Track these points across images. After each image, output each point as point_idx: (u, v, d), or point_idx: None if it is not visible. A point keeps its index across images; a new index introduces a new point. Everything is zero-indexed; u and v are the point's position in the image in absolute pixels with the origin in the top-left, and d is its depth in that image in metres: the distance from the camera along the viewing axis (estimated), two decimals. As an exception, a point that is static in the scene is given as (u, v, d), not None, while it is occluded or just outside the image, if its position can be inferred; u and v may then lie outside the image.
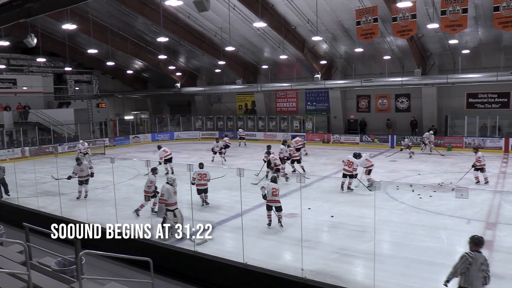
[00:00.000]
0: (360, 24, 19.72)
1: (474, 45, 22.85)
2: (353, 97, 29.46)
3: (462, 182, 14.01)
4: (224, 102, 35.92)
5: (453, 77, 23.59)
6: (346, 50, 25.98)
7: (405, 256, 7.96)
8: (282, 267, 6.87)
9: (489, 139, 23.34)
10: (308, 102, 31.59)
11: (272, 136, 30.36)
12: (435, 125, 25.64)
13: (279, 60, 27.96)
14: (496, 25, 17.54)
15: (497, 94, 24.57)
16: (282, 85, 30.05)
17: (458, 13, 17.53)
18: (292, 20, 23.19)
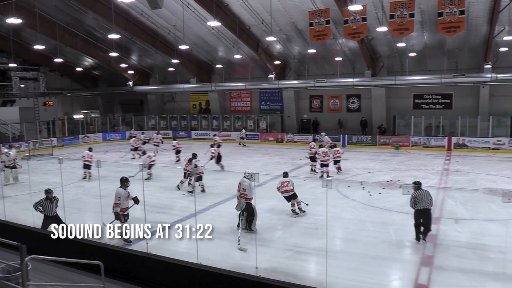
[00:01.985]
0: (313, 25, 20.08)
1: (420, 48, 23.92)
2: (306, 97, 30.00)
3: (409, 180, 14.60)
4: (178, 101, 35.46)
5: (400, 78, 24.56)
6: (300, 50, 26.40)
7: (356, 252, 8.21)
8: (236, 266, 6.90)
9: (433, 138, 24.50)
10: (262, 101, 31.83)
11: (226, 136, 30.32)
12: (384, 124, 26.59)
13: (234, 59, 27.97)
14: (440, 30, 18.41)
15: (441, 95, 25.86)
16: (236, 84, 30.08)
17: (406, 18, 18.25)
18: (246, 20, 23.28)
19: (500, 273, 6.86)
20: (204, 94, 33.58)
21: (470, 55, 23.92)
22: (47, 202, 8.55)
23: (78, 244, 7.46)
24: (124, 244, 8.12)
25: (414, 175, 15.24)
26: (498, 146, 22.91)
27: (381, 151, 23.54)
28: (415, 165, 18.59)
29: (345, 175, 16.10)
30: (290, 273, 7.17)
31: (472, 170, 17.30)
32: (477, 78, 23.04)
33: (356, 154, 21.97)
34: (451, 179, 15.44)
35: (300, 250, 8.33)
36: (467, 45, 22.95)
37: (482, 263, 7.43)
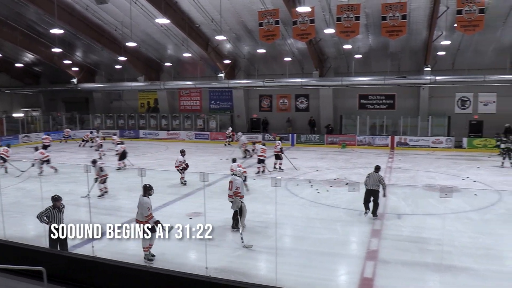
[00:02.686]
0: (262, 25, 20.26)
1: (365, 50, 24.78)
2: (255, 97, 30.22)
3: (355, 178, 15.10)
4: (125, 100, 34.50)
5: (347, 79, 25.35)
6: (249, 50, 26.54)
7: (305, 249, 8.37)
8: (187, 267, 6.84)
9: (378, 137, 25.48)
10: (212, 101, 31.71)
11: (175, 135, 29.92)
12: (331, 124, 27.30)
13: (183, 58, 27.65)
14: (384, 33, 19.18)
15: (384, 96, 26.95)
16: (186, 83, 29.79)
17: (352, 21, 18.84)
18: (196, 18, 23.08)
19: (438, 264, 7.25)
20: (152, 93, 32.93)
21: (411, 58, 25.11)
22: (54, 211, 7.42)
23: (19, 250, 7.10)
24: (146, 262, 7.64)
25: (359, 173, 15.77)
26: (436, 145, 24.21)
27: (328, 150, 24.18)
28: (360, 163, 19.23)
29: (294, 174, 16.39)
30: (241, 272, 7.20)
31: (413, 167, 18.15)
32: (417, 80, 24.24)
33: (304, 153, 22.41)
34: (394, 176, 16.11)
35: (251, 249, 8.39)
36: (409, 48, 24.07)
37: (422, 255, 7.82)
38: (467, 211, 10.79)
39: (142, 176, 7.19)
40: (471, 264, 7.41)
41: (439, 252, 7.70)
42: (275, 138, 26.49)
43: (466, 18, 17.79)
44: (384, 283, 6.75)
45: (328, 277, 7.22)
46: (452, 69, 24.69)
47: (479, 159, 20.40)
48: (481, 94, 25.15)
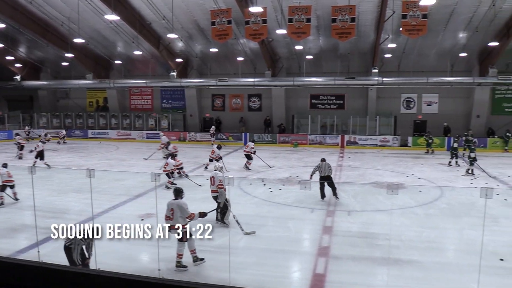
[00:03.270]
0: (214, 24, 20.18)
1: (316, 51, 25.30)
2: (208, 96, 30.07)
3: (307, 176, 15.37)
4: (72, 98, 33.22)
5: (298, 79, 25.78)
6: (202, 49, 26.36)
7: (258, 247, 8.43)
8: (138, 270, 6.71)
9: (328, 136, 26.10)
10: (164, 100, 31.21)
11: (126, 135, 29.20)
12: (284, 123, 27.66)
13: (134, 55, 27.01)
14: (334, 35, 19.66)
15: (334, 96, 27.64)
16: (136, 81, 29.13)
17: (303, 22, 19.17)
18: (147, 15, 22.62)
19: (386, 258, 7.54)
20: (101, 91, 31.93)
21: (360, 60, 25.92)
22: None
23: None
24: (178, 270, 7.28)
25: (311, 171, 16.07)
26: (384, 143, 25.14)
27: (281, 149, 24.47)
28: (312, 161, 19.55)
29: (247, 173, 16.46)
30: (194, 272, 7.15)
31: (362, 165, 18.75)
32: (366, 81, 25.05)
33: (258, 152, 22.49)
34: (344, 174, 16.57)
35: (204, 249, 8.33)
36: (358, 50, 24.82)
37: (371, 250, 8.10)
38: (412, 206, 11.28)
39: (90, 177, 6.97)
40: (416, 256, 7.76)
41: (387, 246, 8.02)
42: (228, 137, 26.55)
43: (410, 22, 18.60)
44: (336, 278, 6.93)
45: (281, 274, 7.31)
46: (398, 71, 25.76)
47: (423, 157, 21.39)
48: (425, 95, 26.44)
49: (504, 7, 19.19)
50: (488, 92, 25.33)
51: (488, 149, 23.74)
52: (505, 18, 20.22)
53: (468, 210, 10.81)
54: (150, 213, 9.94)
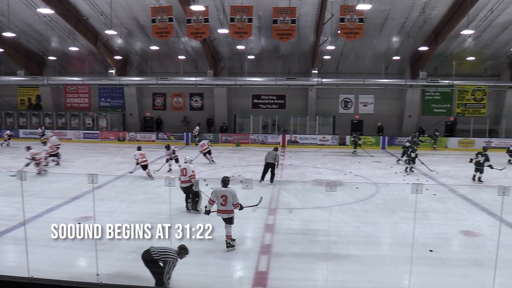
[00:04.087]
0: (155, 22, 19.79)
1: (258, 51, 25.56)
2: (149, 95, 29.40)
3: (249, 175, 15.50)
4: (1, 96, 31.09)
5: (240, 79, 25.90)
6: (142, 47, 25.75)
7: (201, 247, 8.34)
8: (76, 276, 6.44)
9: (270, 135, 26.46)
10: (102, 98, 30.11)
11: (61, 135, 27.84)
12: (226, 123, 27.68)
13: (69, 52, 25.83)
14: (275, 36, 19.96)
15: (276, 96, 28.08)
16: (72, 79, 27.83)
17: (245, 22, 19.29)
18: (84, 10, 21.71)
19: (326, 253, 7.79)
20: (34, 89, 30.17)
21: (301, 61, 26.52)
22: None
23: None
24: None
25: (253, 170, 16.25)
26: (323, 142, 25.91)
27: (223, 148, 24.46)
28: (254, 161, 19.77)
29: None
30: (135, 276, 6.97)
31: (303, 164, 19.20)
32: (306, 81, 25.68)
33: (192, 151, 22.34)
34: (285, 172, 16.86)
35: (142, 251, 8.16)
36: (298, 51, 25.38)
37: (312, 246, 8.33)
38: (350, 203, 11.72)
39: (22, 179, 6.58)
40: (354, 251, 8.07)
41: (326, 242, 8.28)
42: (170, 137, 26.17)
43: (348, 26, 19.30)
44: (278, 275, 7.05)
45: (224, 273, 7.33)
46: (337, 72, 26.67)
47: (360, 155, 22.24)
48: (361, 96, 27.58)
49: (433, 14, 20.45)
50: (418, 94, 26.89)
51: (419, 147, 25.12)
52: (433, 25, 21.54)
53: (401, 205, 11.40)
54: (88, 216, 9.57)
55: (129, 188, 13.59)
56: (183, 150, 23.54)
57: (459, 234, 9.27)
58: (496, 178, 15.14)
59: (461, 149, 24.73)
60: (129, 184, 13.99)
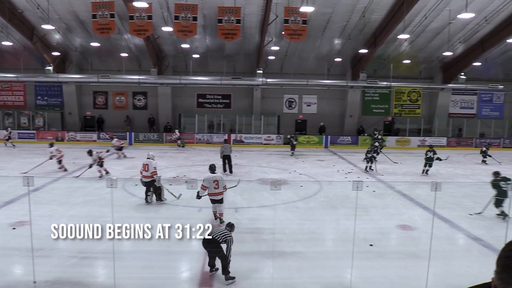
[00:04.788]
0: (96, 17, 19.12)
1: (203, 50, 25.40)
2: (89, 93, 28.31)
3: (194, 175, 15.38)
4: None
5: (185, 78, 25.61)
6: (82, 43, 24.75)
7: (145, 249, 8.21)
8: (11, 284, 6.10)
9: (215, 135, 26.40)
10: (39, 96, 28.58)
11: (-8, 134, 26.14)
12: (170, 122, 27.28)
13: (3, 46, 24.28)
14: (220, 36, 19.94)
15: (221, 95, 28.04)
16: (6, 75, 26.16)
17: (189, 21, 19.10)
18: (18, 3, 20.51)
19: (271, 251, 7.90)
20: (-39, 85, 28.11)
21: (246, 61, 26.67)
22: None
23: None
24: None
25: (198, 170, 16.15)
26: (268, 142, 26.23)
27: (168, 148, 24.09)
28: (199, 160, 19.66)
29: (133, 174, 15.91)
30: (76, 282, 6.72)
31: (248, 163, 19.33)
32: (251, 81, 25.85)
33: (143, 152, 21.81)
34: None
35: (86, 256, 7.89)
36: (243, 51, 25.51)
37: (258, 245, 8.43)
38: (294, 201, 11.98)
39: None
40: (298, 248, 8.26)
41: (272, 240, 8.40)
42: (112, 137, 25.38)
43: (292, 27, 19.67)
44: (224, 275, 7.07)
45: (170, 275, 7.24)
46: (281, 72, 27.08)
47: (304, 154, 22.76)
48: (305, 96, 28.20)
49: (372, 19, 21.32)
50: (359, 95, 27.94)
51: (360, 146, 26.15)
52: (372, 29, 22.46)
53: (343, 202, 11.81)
54: (23, 221, 9.09)
55: (69, 190, 13.04)
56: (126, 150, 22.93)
57: (397, 228, 9.76)
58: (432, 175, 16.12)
59: (398, 148, 25.99)
60: (68, 186, 13.43)
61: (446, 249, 8.28)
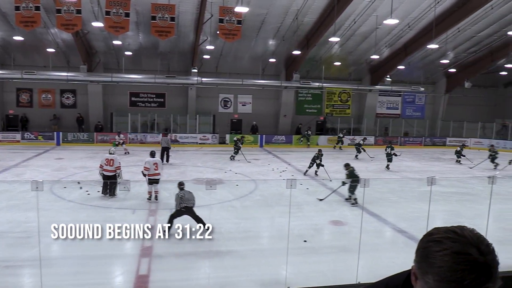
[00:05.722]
0: (19, 10, 17.96)
1: (136, 48, 24.72)
2: (12, 90, 26.44)
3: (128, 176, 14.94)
4: None
5: (117, 76, 24.76)
6: (4, 36, 23.08)
7: (75, 255, 7.87)
8: None
9: (149, 134, 25.82)
10: (-48, 93, 26.29)
11: None
12: (101, 121, 26.27)
13: None
14: (153, 33, 19.53)
15: (155, 94, 27.47)
16: None
17: (121, 16, 18.51)
18: None
19: (208, 251, 7.91)
20: None
21: (180, 59, 26.34)
22: None
23: None
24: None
25: (132, 171, 15.69)
26: (203, 141, 26.13)
27: (99, 149, 23.09)
28: (132, 161, 19.12)
29: (61, 175, 15.16)
30: (-2, 292, 6.31)
31: (183, 163, 19.12)
32: (186, 80, 25.59)
33: (72, 152, 20.92)
34: (165, 172, 16.55)
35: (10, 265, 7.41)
36: (178, 49, 25.17)
37: (193, 245, 8.36)
38: (230, 200, 12.04)
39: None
40: (235, 247, 8.34)
41: (208, 240, 8.39)
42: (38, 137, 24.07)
43: (227, 27, 19.72)
44: (159, 277, 6.97)
45: (102, 280, 7.01)
46: (216, 72, 27.04)
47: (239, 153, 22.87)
48: (240, 95, 28.39)
49: (305, 21, 21.93)
50: (293, 95, 28.64)
51: (294, 145, 26.83)
52: (305, 31, 23.10)
53: (278, 200, 12.05)
54: None
55: None
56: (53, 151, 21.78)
57: (329, 224, 10.16)
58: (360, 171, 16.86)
59: (330, 146, 26.95)
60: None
61: (374, 242, 8.75)
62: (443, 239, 0.95)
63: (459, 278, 0.89)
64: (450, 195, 13.38)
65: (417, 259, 0.99)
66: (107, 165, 12.00)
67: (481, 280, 0.89)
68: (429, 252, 0.95)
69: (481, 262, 0.90)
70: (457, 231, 0.96)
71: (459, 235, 0.95)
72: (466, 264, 0.90)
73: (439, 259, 0.92)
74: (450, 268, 0.90)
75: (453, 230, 0.97)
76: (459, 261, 0.90)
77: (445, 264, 0.91)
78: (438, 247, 0.94)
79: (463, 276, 0.89)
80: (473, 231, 0.97)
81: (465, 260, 0.90)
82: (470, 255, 0.91)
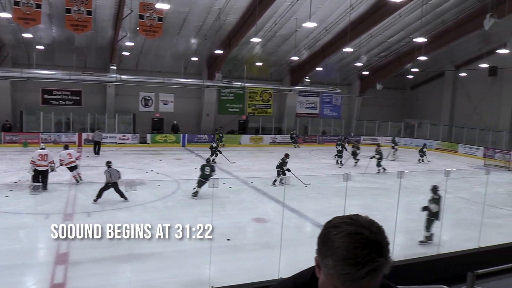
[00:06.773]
0: None
1: (48, 42, 23.24)
2: None
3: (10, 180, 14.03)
4: None
5: (27, 71, 23.10)
6: None
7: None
8: None
9: (64, 134, 24.41)
10: None
11: None
12: (10, 120, 24.34)
13: None
14: (68, 27, 18.52)
15: (70, 92, 26.00)
16: None
17: (32, 8, 17.34)
18: None
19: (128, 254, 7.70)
20: None
21: (98, 55, 25.21)
22: None
23: None
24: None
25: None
26: (123, 141, 25.27)
27: (7, 150, 21.46)
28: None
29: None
30: None
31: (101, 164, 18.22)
32: (104, 77, 24.57)
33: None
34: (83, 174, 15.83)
35: None
36: (95, 45, 24.07)
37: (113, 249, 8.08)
38: (152, 201, 11.82)
39: None
40: (157, 249, 8.18)
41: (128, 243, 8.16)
42: None
43: (147, 23, 19.26)
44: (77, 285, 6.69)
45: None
46: (136, 69, 26.23)
47: (161, 153, 22.50)
48: (162, 94, 27.82)
49: (227, 21, 22.06)
50: (215, 94, 28.66)
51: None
52: (227, 30, 23.24)
53: (201, 199, 12.05)
54: None
55: None
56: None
57: (252, 221, 10.36)
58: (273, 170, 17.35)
59: (252, 145, 27.40)
60: None
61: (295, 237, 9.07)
62: (340, 224, 1.08)
63: (354, 255, 1.01)
64: (364, 190, 14.27)
65: (318, 246, 1.10)
66: (41, 160, 12.46)
67: (372, 255, 1.01)
68: (328, 237, 1.07)
69: (372, 240, 1.03)
70: (352, 217, 1.09)
71: (354, 220, 1.08)
72: (359, 243, 1.02)
73: (337, 241, 1.04)
74: (346, 248, 1.02)
75: (349, 216, 1.10)
76: (353, 240, 1.03)
77: (341, 244, 1.03)
78: (335, 231, 1.06)
79: (356, 253, 1.01)
80: (366, 218, 1.10)
81: (358, 239, 1.03)
82: (363, 234, 1.03)
